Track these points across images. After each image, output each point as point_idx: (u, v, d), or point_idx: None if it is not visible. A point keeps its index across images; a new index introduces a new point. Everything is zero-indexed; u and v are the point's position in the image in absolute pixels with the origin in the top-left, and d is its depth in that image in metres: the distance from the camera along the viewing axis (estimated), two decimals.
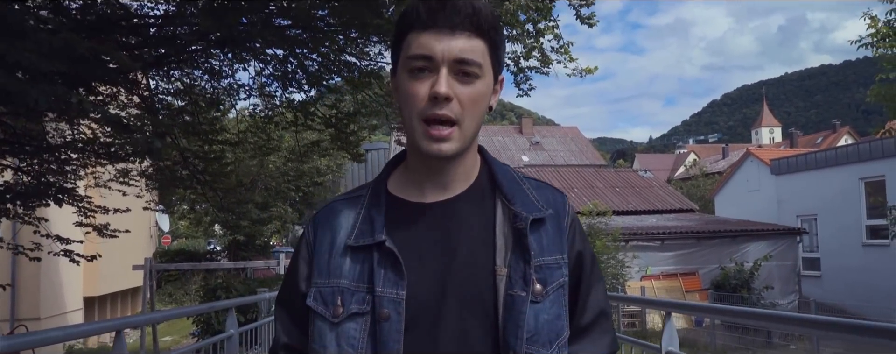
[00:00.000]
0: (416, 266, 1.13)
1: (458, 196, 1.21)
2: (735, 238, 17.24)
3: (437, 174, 1.20)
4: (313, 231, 1.24)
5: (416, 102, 1.12)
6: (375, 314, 1.11)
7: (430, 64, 1.12)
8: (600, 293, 1.28)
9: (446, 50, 1.11)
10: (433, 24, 1.12)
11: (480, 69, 1.14)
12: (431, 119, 1.12)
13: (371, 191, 1.24)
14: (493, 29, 1.16)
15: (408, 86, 1.13)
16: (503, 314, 1.12)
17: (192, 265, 15.04)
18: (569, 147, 39.11)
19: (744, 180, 25.81)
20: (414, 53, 1.12)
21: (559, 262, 1.19)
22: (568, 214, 1.25)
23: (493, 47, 1.17)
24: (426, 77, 1.12)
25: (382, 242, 1.13)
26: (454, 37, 1.11)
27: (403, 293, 1.11)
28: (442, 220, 1.18)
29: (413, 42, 1.13)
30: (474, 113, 1.15)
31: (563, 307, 1.19)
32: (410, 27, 1.14)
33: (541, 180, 1.31)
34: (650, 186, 23.18)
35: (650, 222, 19.12)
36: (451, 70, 1.12)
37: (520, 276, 1.13)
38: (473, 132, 1.17)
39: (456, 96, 1.12)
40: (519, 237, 1.16)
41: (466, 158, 1.21)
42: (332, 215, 1.24)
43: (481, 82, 1.15)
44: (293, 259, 1.26)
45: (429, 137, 1.12)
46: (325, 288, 1.17)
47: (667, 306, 4.80)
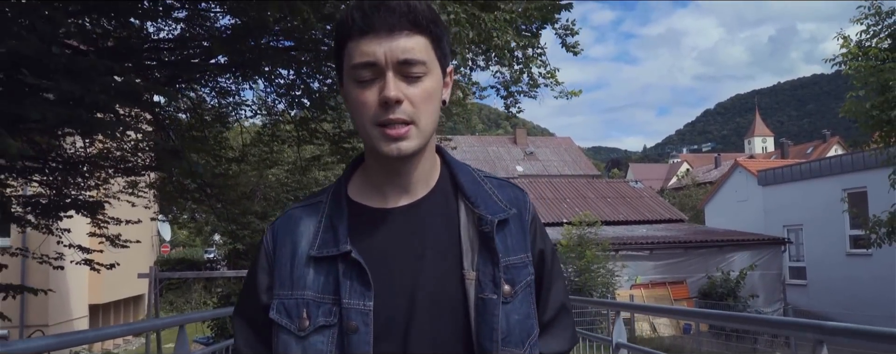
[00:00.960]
0: (382, 275, 1.11)
1: (420, 200, 1.19)
2: (722, 248, 17.76)
3: (397, 177, 1.18)
4: (272, 241, 1.20)
5: (367, 109, 1.11)
6: (343, 326, 1.09)
7: (375, 70, 1.10)
8: (560, 289, 1.28)
9: (388, 52, 1.09)
10: (370, 29, 1.10)
11: (426, 67, 1.12)
12: (385, 124, 1.10)
13: (331, 197, 1.21)
14: (432, 23, 1.14)
15: (356, 95, 1.12)
16: (476, 318, 1.11)
17: (196, 274, 15.49)
18: (562, 157, 39.66)
19: (733, 191, 26.38)
20: (357, 62, 1.10)
21: (524, 261, 1.19)
22: (529, 211, 1.25)
23: (436, 41, 1.15)
24: (373, 84, 1.10)
25: (348, 252, 1.11)
26: (393, 38, 1.09)
27: (371, 303, 1.09)
28: (406, 226, 1.16)
29: (354, 50, 1.11)
30: (428, 110, 1.13)
31: (531, 306, 1.19)
32: (348, 35, 1.12)
33: (500, 177, 1.30)
34: (641, 196, 23.70)
35: (640, 232, 19.63)
36: (396, 72, 1.10)
37: (489, 279, 1.13)
38: (431, 130, 1.16)
39: (407, 98, 1.10)
40: (485, 240, 1.15)
41: (425, 158, 1.20)
42: (291, 223, 1.20)
43: (429, 79, 1.13)
44: (252, 270, 1.22)
45: (385, 137, 1.10)
46: (288, 300, 1.13)
47: (619, 306, 6.36)
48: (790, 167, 22.82)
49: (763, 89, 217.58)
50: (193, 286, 22.89)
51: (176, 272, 17.07)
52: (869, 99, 10.59)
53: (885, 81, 10.23)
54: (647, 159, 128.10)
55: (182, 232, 26.80)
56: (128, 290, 16.99)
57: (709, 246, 17.81)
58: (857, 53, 10.84)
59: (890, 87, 10.10)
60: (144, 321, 13.96)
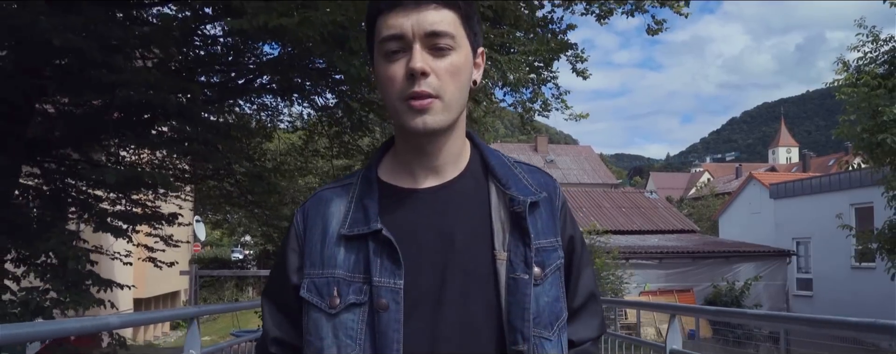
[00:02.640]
0: (413, 254, 1.11)
1: (451, 181, 1.19)
2: (728, 259, 18.54)
3: (426, 157, 1.18)
4: (302, 221, 1.21)
5: (394, 84, 1.11)
6: (373, 304, 1.10)
7: (403, 43, 1.11)
8: (589, 277, 1.28)
9: (415, 25, 1.10)
10: (398, 3, 1.11)
11: (454, 40, 1.12)
12: (411, 97, 1.10)
13: (361, 178, 1.22)
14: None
15: (384, 69, 1.12)
16: (507, 297, 1.11)
17: (233, 272, 16.62)
18: (582, 166, 40.46)
19: (747, 203, 27.03)
20: (385, 35, 1.11)
21: (554, 245, 1.19)
22: (559, 197, 1.25)
23: (465, 17, 1.15)
24: (401, 57, 1.11)
25: (378, 230, 1.11)
26: (421, 11, 1.10)
27: (401, 282, 1.10)
28: (436, 206, 1.16)
29: (382, 24, 1.12)
30: (456, 85, 1.13)
31: (560, 289, 1.19)
32: (378, 10, 1.14)
33: (530, 163, 1.30)
34: (655, 207, 24.50)
35: (652, 241, 20.45)
36: (424, 45, 1.10)
37: (520, 259, 1.13)
38: (458, 106, 1.15)
39: (433, 71, 1.10)
40: (517, 220, 1.15)
41: (455, 138, 1.19)
42: (321, 203, 1.21)
43: (457, 54, 1.13)
44: (281, 251, 1.24)
45: (411, 110, 1.11)
46: (319, 279, 1.15)
47: (669, 309, 5.66)
48: (801, 181, 23.49)
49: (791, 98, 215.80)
50: (225, 284, 24.13)
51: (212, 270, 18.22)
52: (860, 123, 11.40)
53: (875, 107, 11.03)
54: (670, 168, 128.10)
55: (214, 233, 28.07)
56: (167, 286, 18.16)
57: (716, 257, 18.60)
58: (852, 80, 11.64)
59: (880, 112, 10.89)
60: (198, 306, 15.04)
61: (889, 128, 10.63)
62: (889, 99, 10.80)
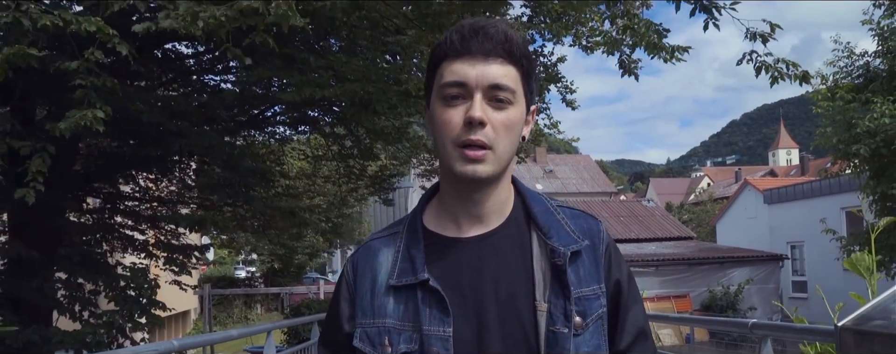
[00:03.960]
0: (458, 302, 1.14)
1: (494, 230, 1.21)
2: (723, 264, 19.13)
3: (471, 205, 1.20)
4: (353, 271, 1.25)
5: (450, 128, 1.14)
6: (424, 352, 1.12)
7: (464, 90, 1.14)
8: (639, 314, 1.27)
9: (480, 76, 1.13)
10: (466, 52, 1.14)
11: (514, 96, 1.15)
12: (465, 145, 1.13)
13: (407, 227, 1.25)
14: (525, 57, 1.18)
15: (441, 113, 1.15)
16: (545, 350, 1.13)
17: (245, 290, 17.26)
18: (581, 175, 41.07)
19: (743, 208, 27.63)
20: (448, 81, 1.14)
21: (597, 293, 1.19)
22: (603, 241, 1.26)
23: (526, 75, 1.18)
24: (460, 104, 1.14)
25: (426, 281, 1.14)
26: (488, 63, 1.13)
27: (450, 330, 1.12)
28: (480, 255, 1.18)
29: (447, 70, 1.15)
30: (508, 139, 1.16)
31: (602, 337, 1.20)
32: (444, 56, 1.16)
33: (574, 207, 1.31)
34: (652, 214, 25.08)
35: (649, 249, 21.02)
36: (484, 96, 1.13)
37: (560, 312, 1.14)
38: (508, 158, 1.18)
39: (490, 122, 1.13)
40: (557, 272, 1.16)
41: (501, 188, 1.22)
42: (370, 254, 1.24)
43: (515, 109, 1.16)
44: (334, 299, 1.27)
45: (463, 158, 1.13)
46: (370, 328, 1.18)
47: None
48: (794, 187, 24.12)
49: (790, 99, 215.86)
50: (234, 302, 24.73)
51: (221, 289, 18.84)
52: (836, 134, 12.04)
53: (849, 119, 11.66)
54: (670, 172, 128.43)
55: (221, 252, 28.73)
56: (179, 306, 18.81)
57: (711, 262, 19.18)
58: (826, 94, 12.29)
59: (854, 124, 11.52)
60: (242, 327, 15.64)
61: (863, 139, 11.26)
62: (862, 111, 11.43)
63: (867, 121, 11.09)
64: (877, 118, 10.90)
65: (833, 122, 12.12)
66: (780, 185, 26.43)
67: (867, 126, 11.11)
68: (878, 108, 10.98)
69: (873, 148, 11.11)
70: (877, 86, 11.92)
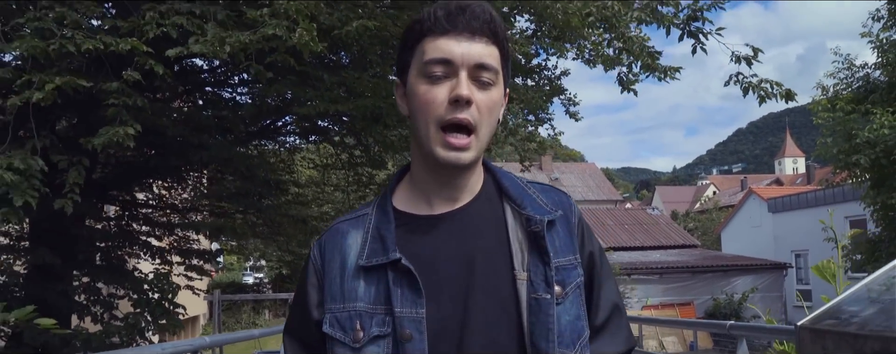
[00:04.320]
0: (433, 281, 1.11)
1: (465, 206, 1.19)
2: (726, 272, 19.29)
3: (446, 187, 1.19)
4: (320, 255, 1.21)
5: (434, 107, 1.11)
6: (397, 335, 1.09)
7: (450, 68, 1.11)
8: (612, 290, 1.26)
9: (466, 54, 1.11)
10: (453, 28, 1.12)
11: (496, 76, 1.14)
12: (450, 125, 1.11)
13: (376, 208, 1.21)
14: (505, 39, 1.17)
15: (425, 91, 1.12)
16: (529, 318, 1.11)
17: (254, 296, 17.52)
18: (586, 183, 41.25)
19: (747, 217, 27.78)
20: (433, 57, 1.11)
21: (573, 262, 1.19)
22: (575, 214, 1.24)
23: (505, 57, 1.17)
24: (444, 82, 1.11)
25: (397, 260, 1.11)
26: (473, 42, 1.12)
27: (423, 311, 1.09)
28: (454, 230, 1.16)
29: (430, 46, 1.13)
30: (490, 121, 1.14)
31: (581, 307, 1.18)
32: (428, 32, 1.14)
33: (543, 183, 1.29)
34: (657, 223, 25.25)
35: (654, 257, 21.21)
36: (469, 75, 1.11)
37: (541, 279, 1.13)
38: (487, 142, 1.16)
39: (475, 102, 1.11)
40: (535, 239, 1.15)
41: (475, 168, 1.20)
42: (338, 236, 1.21)
43: (496, 90, 1.15)
44: (300, 286, 1.23)
45: (446, 145, 1.11)
46: (340, 313, 1.14)
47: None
48: (798, 196, 24.25)
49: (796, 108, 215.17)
50: (242, 308, 24.98)
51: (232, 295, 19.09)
52: (836, 145, 12.23)
53: (849, 130, 11.86)
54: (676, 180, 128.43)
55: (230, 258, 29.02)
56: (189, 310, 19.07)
57: (715, 271, 19.35)
58: (827, 105, 12.50)
59: (853, 135, 11.72)
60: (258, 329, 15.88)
61: (862, 149, 11.45)
62: (862, 122, 11.63)
63: (867, 132, 11.28)
64: (876, 129, 11.09)
65: (833, 132, 12.32)
66: (784, 194, 26.56)
67: (867, 137, 11.30)
68: (877, 119, 11.17)
69: (873, 158, 11.31)
70: (877, 97, 12.12)
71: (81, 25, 3.34)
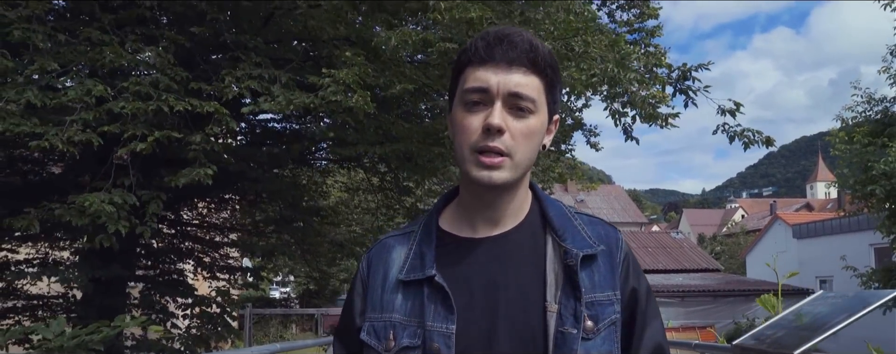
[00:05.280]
0: (466, 301, 1.14)
1: (508, 231, 1.22)
2: (748, 297, 19.45)
3: (488, 209, 1.21)
4: (367, 267, 1.28)
5: (469, 133, 1.15)
6: (426, 347, 1.13)
7: (486, 96, 1.15)
8: (657, 329, 1.25)
9: (502, 83, 1.14)
10: (490, 59, 1.15)
11: (534, 105, 1.16)
12: (483, 150, 1.14)
13: (422, 227, 1.27)
14: (550, 67, 1.19)
15: (462, 118, 1.17)
16: (553, 351, 1.12)
17: (284, 310, 18.13)
18: (612, 205, 41.44)
19: (772, 242, 27.82)
20: (470, 86, 1.16)
21: (611, 299, 1.19)
22: (621, 249, 1.25)
23: (549, 86, 1.20)
24: (481, 110, 1.15)
25: (432, 277, 1.16)
26: (511, 71, 1.15)
27: (453, 327, 1.12)
28: (492, 255, 1.19)
29: (470, 76, 1.17)
30: (527, 147, 1.17)
31: (614, 345, 1.18)
32: (468, 62, 1.18)
33: (592, 215, 1.31)
34: (680, 246, 25.44)
35: (676, 280, 21.42)
36: (505, 104, 1.15)
37: (570, 313, 1.14)
38: (526, 165, 1.19)
39: (509, 129, 1.14)
40: (569, 273, 1.16)
41: (518, 192, 1.23)
42: (384, 250, 1.27)
43: (535, 118, 1.17)
44: (349, 295, 1.30)
45: (479, 164, 1.14)
46: (378, 323, 1.20)
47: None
48: (822, 222, 24.31)
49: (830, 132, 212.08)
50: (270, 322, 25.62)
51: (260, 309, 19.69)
52: (852, 176, 12.52)
53: (866, 162, 12.15)
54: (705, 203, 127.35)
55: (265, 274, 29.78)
56: None
57: (737, 295, 19.53)
58: (844, 138, 12.80)
59: (870, 166, 12.00)
60: None
61: (878, 180, 11.73)
62: (878, 155, 11.91)
63: (882, 164, 11.55)
64: (892, 161, 11.37)
65: (850, 164, 12.60)
66: (810, 220, 26.60)
67: (883, 169, 11.57)
68: (892, 152, 11.45)
69: (888, 189, 11.57)
70: (893, 130, 12.40)
71: (172, 88, 3.95)
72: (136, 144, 3.84)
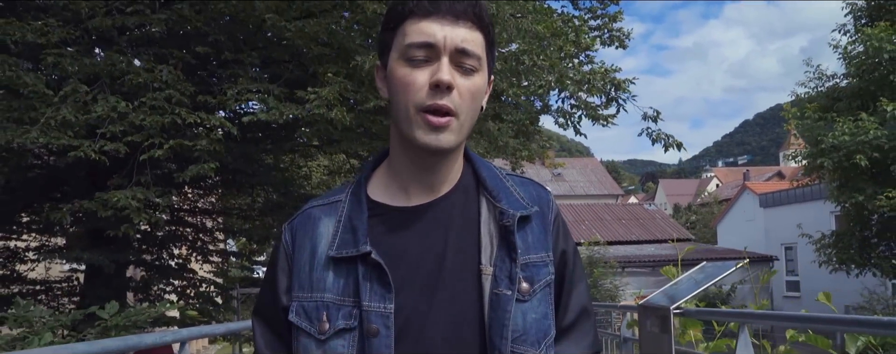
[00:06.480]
0: (403, 275, 1.09)
1: (441, 197, 1.17)
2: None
3: (425, 174, 1.16)
4: (291, 240, 1.17)
5: (413, 91, 1.08)
6: (364, 329, 1.07)
7: (431, 52, 1.08)
8: (583, 292, 1.24)
9: (449, 38, 1.08)
10: (436, 11, 1.09)
11: (479, 63, 1.11)
12: (430, 110, 1.07)
13: (350, 196, 1.18)
14: (490, 24, 1.14)
15: (404, 75, 1.09)
16: (489, 313, 1.09)
17: None
18: (588, 178, 42.34)
19: (741, 211, 28.88)
20: (414, 41, 1.08)
21: (545, 260, 1.16)
22: (553, 210, 1.22)
23: (490, 42, 1.15)
24: (425, 66, 1.08)
25: (368, 253, 1.09)
26: (457, 26, 1.09)
27: (391, 306, 1.07)
28: (427, 224, 1.14)
29: (411, 29, 1.09)
30: (471, 108, 1.11)
31: (549, 306, 1.16)
32: (410, 13, 1.10)
33: (523, 175, 1.27)
34: (653, 218, 26.41)
35: (648, 251, 22.37)
36: (451, 60, 1.08)
37: (505, 275, 1.10)
38: (469, 129, 1.14)
39: (457, 87, 1.08)
40: (505, 234, 1.13)
41: (456, 157, 1.18)
42: (309, 222, 1.17)
43: (479, 76, 1.12)
44: (270, 269, 1.19)
45: (427, 125, 1.08)
46: (307, 302, 1.12)
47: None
48: (787, 191, 25.33)
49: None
50: None
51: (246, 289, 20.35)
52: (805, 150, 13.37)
53: (816, 136, 12.98)
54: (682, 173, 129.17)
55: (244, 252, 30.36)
56: None
57: None
58: (797, 112, 13.62)
59: (820, 140, 12.83)
60: None
61: (827, 153, 12.57)
62: (828, 129, 12.74)
63: (830, 138, 12.37)
64: (838, 136, 12.18)
65: (802, 138, 13.43)
66: (776, 189, 27.63)
67: (831, 142, 12.39)
68: (839, 126, 12.27)
69: (836, 162, 12.41)
70: (841, 106, 13.22)
71: (183, 103, 4.60)
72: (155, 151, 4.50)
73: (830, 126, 12.74)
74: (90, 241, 8.15)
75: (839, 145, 12.21)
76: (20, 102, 4.37)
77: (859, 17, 13.79)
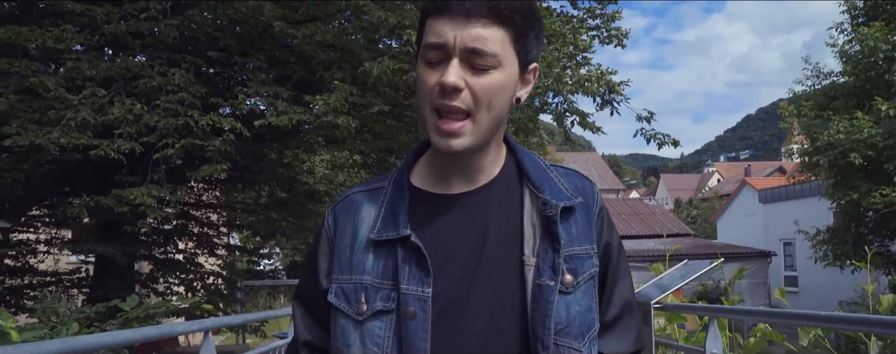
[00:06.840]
0: (442, 261, 1.09)
1: (483, 186, 1.16)
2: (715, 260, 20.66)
3: (460, 166, 1.16)
4: (333, 224, 1.20)
5: (426, 91, 1.09)
6: (401, 311, 1.08)
7: (443, 53, 1.08)
8: (626, 287, 1.23)
9: (459, 37, 1.06)
10: (446, 10, 1.07)
11: (497, 60, 1.07)
12: (441, 109, 1.08)
13: (393, 183, 1.19)
14: (518, 14, 1.09)
15: (421, 74, 1.10)
16: (531, 304, 1.08)
17: (273, 282, 19.10)
18: (589, 172, 42.55)
19: (741, 207, 29.06)
20: (428, 41, 1.09)
21: (589, 252, 1.15)
22: (597, 202, 1.21)
23: (518, 35, 1.10)
24: (439, 66, 1.08)
25: (407, 237, 1.10)
26: (468, 24, 1.06)
27: (429, 290, 1.07)
28: (468, 212, 1.14)
29: (429, 28, 1.09)
30: (492, 105, 1.09)
31: (593, 299, 1.15)
32: (428, 12, 1.11)
33: (568, 167, 1.26)
34: (653, 212, 26.61)
35: (648, 245, 22.58)
36: (463, 59, 1.07)
37: (548, 265, 1.10)
38: (491, 126, 1.12)
39: (469, 87, 1.07)
40: (548, 225, 1.12)
41: (489, 150, 1.17)
42: (352, 207, 1.19)
43: (499, 73, 1.09)
44: (312, 254, 1.22)
45: (438, 130, 1.09)
46: (347, 285, 1.13)
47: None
48: (786, 187, 25.48)
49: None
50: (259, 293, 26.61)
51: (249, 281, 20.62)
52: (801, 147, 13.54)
53: (812, 134, 13.17)
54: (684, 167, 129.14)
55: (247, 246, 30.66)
56: None
57: (704, 258, 20.70)
58: (793, 111, 13.80)
59: (815, 138, 13.02)
60: None
61: (823, 151, 12.76)
62: (823, 127, 12.92)
63: (826, 136, 12.56)
64: (833, 134, 12.37)
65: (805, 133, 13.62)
66: (776, 185, 27.81)
67: (827, 140, 12.58)
68: (834, 125, 12.45)
69: (831, 159, 12.60)
70: (838, 104, 13.40)
71: (196, 105, 4.84)
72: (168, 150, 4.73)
73: (827, 124, 12.92)
74: (100, 234, 8.39)
75: (835, 143, 12.39)
76: (40, 103, 4.60)
77: (856, 17, 13.96)
